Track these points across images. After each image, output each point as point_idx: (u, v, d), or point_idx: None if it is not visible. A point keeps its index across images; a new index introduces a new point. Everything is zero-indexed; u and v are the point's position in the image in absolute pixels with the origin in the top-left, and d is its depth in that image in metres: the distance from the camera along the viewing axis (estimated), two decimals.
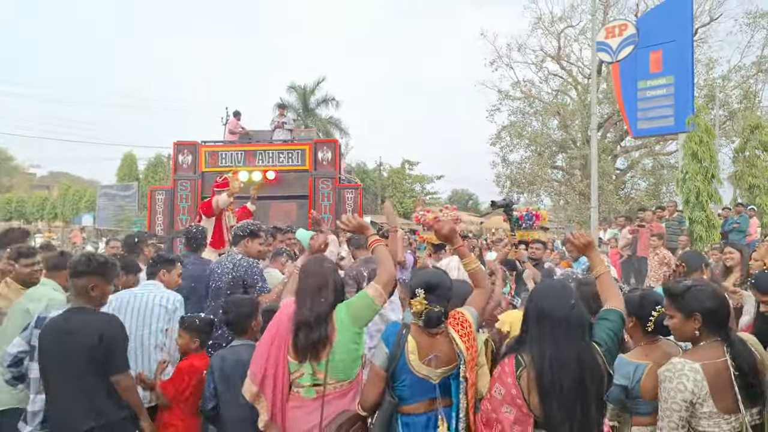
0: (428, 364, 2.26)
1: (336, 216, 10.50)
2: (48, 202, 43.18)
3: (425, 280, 2.33)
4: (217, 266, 4.00)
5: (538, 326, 2.03)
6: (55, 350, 2.55)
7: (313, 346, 2.41)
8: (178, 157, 11.29)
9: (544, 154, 24.31)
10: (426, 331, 2.30)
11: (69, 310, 2.65)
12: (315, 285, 2.51)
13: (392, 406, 2.28)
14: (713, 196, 10.32)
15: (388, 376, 2.30)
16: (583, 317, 2.05)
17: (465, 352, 2.23)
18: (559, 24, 24.04)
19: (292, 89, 29.66)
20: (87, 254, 2.73)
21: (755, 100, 22.84)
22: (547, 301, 2.06)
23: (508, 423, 1.98)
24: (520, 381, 1.99)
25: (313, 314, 2.45)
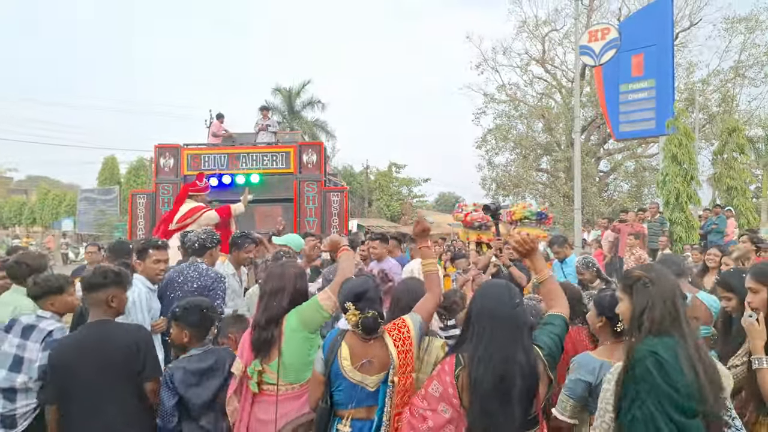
0: (361, 370, 2.27)
1: (321, 219, 10.45)
2: (26, 206, 42.33)
3: (351, 291, 2.33)
4: (176, 275, 3.80)
5: (478, 324, 2.03)
6: (85, 365, 2.49)
7: (262, 346, 2.51)
8: (160, 160, 11.14)
9: (529, 156, 24.53)
10: (360, 337, 2.31)
11: (90, 324, 2.62)
12: (273, 288, 2.60)
13: (323, 411, 2.31)
14: (692, 197, 10.48)
15: (327, 381, 2.32)
16: (525, 318, 2.06)
17: (395, 357, 2.22)
18: (544, 28, 24.35)
19: (278, 91, 29.51)
20: (100, 268, 2.70)
21: (733, 103, 23.33)
22: (490, 301, 2.05)
23: (442, 421, 1.98)
24: (458, 380, 1.99)
25: (265, 316, 2.55)
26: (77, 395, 2.50)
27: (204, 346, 2.74)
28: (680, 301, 1.89)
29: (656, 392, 1.75)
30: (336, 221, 10.42)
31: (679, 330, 1.83)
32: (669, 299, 1.87)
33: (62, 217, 36.23)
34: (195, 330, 2.71)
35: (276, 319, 2.54)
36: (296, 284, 2.63)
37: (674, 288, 1.90)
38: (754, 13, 22.30)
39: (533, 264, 2.40)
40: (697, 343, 1.84)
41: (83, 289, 2.65)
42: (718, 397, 1.78)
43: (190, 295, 3.57)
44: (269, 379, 2.53)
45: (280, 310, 2.56)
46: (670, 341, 1.82)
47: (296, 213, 10.39)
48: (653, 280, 1.92)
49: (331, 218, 10.44)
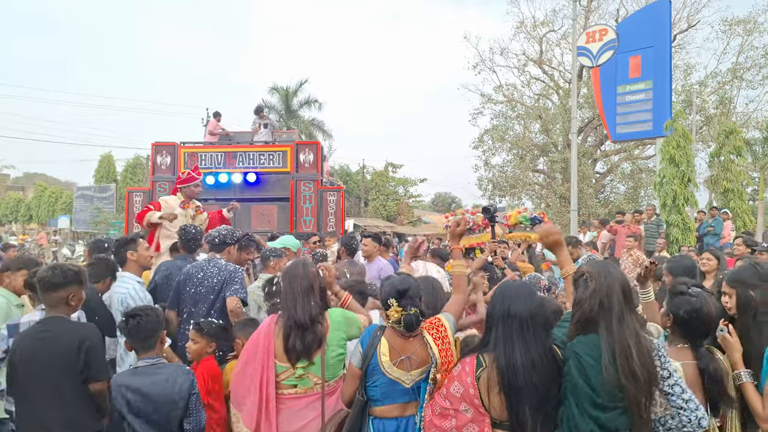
0: (400, 366, 2.28)
1: (318, 219, 10.43)
2: (22, 203, 42.17)
3: (395, 288, 2.33)
4: (196, 270, 3.76)
5: (504, 327, 2.05)
6: (32, 358, 2.48)
7: (308, 348, 2.47)
8: (157, 158, 11.10)
9: (525, 157, 24.53)
10: (400, 333, 2.31)
11: (43, 320, 2.61)
12: (304, 288, 2.56)
13: (360, 404, 2.33)
14: (689, 199, 10.48)
15: (363, 375, 2.33)
16: (547, 318, 2.13)
17: (438, 356, 2.22)
18: (541, 28, 24.35)
19: (275, 90, 29.44)
20: (58, 267, 2.64)
21: (730, 105, 23.40)
22: (515, 303, 2.06)
23: (465, 420, 2.01)
24: (479, 381, 2.01)
25: (306, 316, 2.49)
26: (24, 389, 2.50)
27: (151, 357, 2.63)
28: (617, 298, 1.95)
29: (576, 392, 1.90)
30: (332, 221, 10.40)
31: (608, 326, 1.92)
32: (603, 295, 1.95)
33: (59, 215, 36.09)
34: (130, 339, 2.64)
35: (317, 317, 2.53)
36: (320, 282, 2.66)
37: (612, 285, 1.96)
38: (752, 15, 22.39)
39: (558, 257, 2.45)
40: (626, 338, 1.89)
41: (43, 289, 2.59)
42: (644, 387, 1.85)
43: (212, 290, 3.63)
44: (308, 381, 2.51)
45: (318, 308, 2.56)
46: (593, 339, 1.94)
47: (293, 212, 10.36)
48: (593, 276, 2.01)
49: (327, 218, 10.42)
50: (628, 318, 1.94)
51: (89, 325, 2.76)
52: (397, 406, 2.31)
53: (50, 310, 2.60)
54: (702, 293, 2.32)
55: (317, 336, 2.50)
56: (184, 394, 2.57)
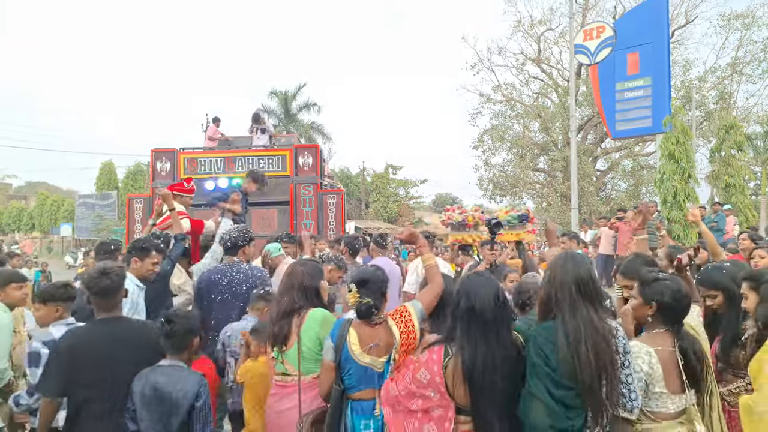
0: (369, 353, 2.43)
1: (318, 222, 10.41)
2: (25, 212, 42.31)
3: (358, 275, 2.53)
4: (219, 277, 3.68)
5: (467, 323, 2.16)
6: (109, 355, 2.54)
7: (276, 338, 2.70)
8: (157, 164, 11.10)
9: (525, 156, 24.51)
10: (366, 322, 2.48)
11: (109, 320, 2.64)
12: (285, 285, 2.81)
13: (338, 393, 2.47)
14: (690, 195, 10.45)
15: (337, 367, 2.47)
16: (509, 312, 2.23)
17: (399, 337, 2.36)
18: (539, 27, 24.36)
19: (274, 95, 29.50)
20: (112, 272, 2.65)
21: (730, 100, 23.37)
22: (477, 300, 2.17)
23: (432, 403, 2.14)
24: (445, 371, 2.13)
25: (278, 310, 2.75)
26: (95, 388, 2.50)
27: (174, 359, 2.66)
28: (568, 289, 2.11)
29: (536, 371, 2.07)
30: (333, 224, 10.39)
31: (562, 314, 2.09)
32: (557, 286, 2.14)
33: (61, 223, 36.20)
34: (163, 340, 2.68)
35: (288, 314, 2.70)
36: (304, 281, 2.78)
37: (564, 277, 2.14)
38: (750, 10, 22.38)
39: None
40: (579, 325, 2.05)
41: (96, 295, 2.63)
42: (595, 372, 2.00)
43: (240, 297, 3.60)
44: (287, 371, 2.71)
45: (292, 305, 2.72)
46: (550, 326, 2.12)
47: (293, 216, 10.35)
48: (550, 268, 2.21)
49: (327, 221, 10.41)
50: (581, 308, 2.09)
51: (145, 322, 2.94)
52: (372, 390, 2.44)
53: (104, 312, 2.64)
54: (673, 276, 2.41)
55: (283, 329, 2.69)
56: (188, 400, 2.55)
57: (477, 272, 2.50)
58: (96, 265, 2.78)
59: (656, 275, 2.35)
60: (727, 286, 2.74)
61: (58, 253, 34.59)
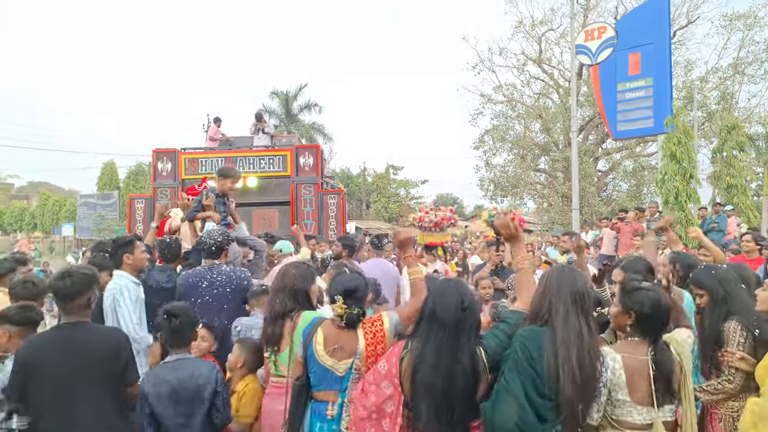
0: (332, 355, 2.44)
1: (319, 222, 10.41)
2: (27, 212, 42.37)
3: (343, 286, 2.50)
4: (198, 279, 3.63)
5: (428, 324, 2.17)
6: (62, 366, 2.39)
7: (269, 339, 2.74)
8: (158, 164, 11.13)
9: (526, 157, 24.48)
10: (336, 324, 2.48)
11: (67, 325, 2.51)
12: (275, 287, 2.84)
13: (298, 387, 2.49)
14: (692, 196, 10.42)
15: (304, 363, 2.51)
16: (473, 321, 2.18)
17: (363, 346, 2.38)
18: (540, 28, 24.31)
19: (275, 95, 29.51)
20: (73, 274, 2.53)
21: (732, 101, 23.30)
22: (440, 304, 2.17)
23: (384, 397, 2.15)
24: (401, 363, 2.16)
25: (270, 312, 2.78)
26: (51, 402, 2.38)
27: (181, 353, 2.68)
28: (564, 300, 2.09)
29: (518, 369, 2.04)
30: (333, 224, 10.40)
31: (554, 324, 2.07)
32: (553, 296, 2.12)
33: (62, 223, 36.23)
34: (167, 335, 2.68)
35: (280, 316, 2.73)
36: (295, 284, 2.78)
37: (561, 288, 2.13)
38: (752, 10, 22.27)
39: (513, 250, 2.54)
40: (569, 337, 2.03)
41: (59, 299, 2.51)
42: (579, 386, 1.98)
43: (223, 299, 3.58)
44: (280, 372, 2.75)
45: (284, 307, 2.73)
46: (540, 331, 2.10)
47: (293, 216, 10.36)
48: (546, 277, 2.20)
49: (328, 221, 10.42)
50: (574, 320, 2.07)
51: (115, 328, 2.83)
52: (331, 392, 2.44)
53: (69, 316, 2.53)
54: (654, 285, 2.39)
55: (275, 331, 2.72)
56: (210, 388, 2.60)
57: (449, 278, 2.57)
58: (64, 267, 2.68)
59: (638, 285, 2.32)
60: (711, 287, 2.79)
61: (60, 252, 34.64)
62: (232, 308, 3.62)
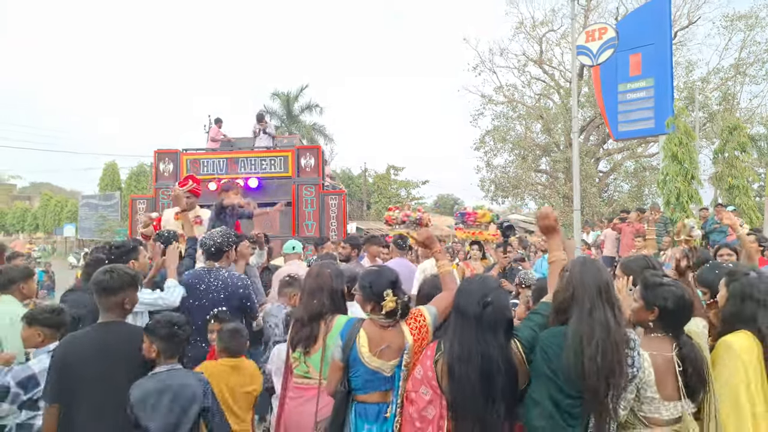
0: (379, 356, 2.38)
1: (320, 223, 10.41)
2: (29, 213, 42.47)
3: (388, 279, 2.43)
4: (197, 282, 3.59)
5: (455, 320, 2.18)
6: (94, 363, 2.47)
7: (303, 341, 2.66)
8: (160, 165, 11.14)
9: (527, 157, 24.48)
10: (377, 324, 2.43)
11: (104, 325, 2.59)
12: (311, 288, 2.75)
13: (342, 395, 2.43)
14: (693, 197, 10.42)
15: (345, 367, 2.43)
16: (498, 316, 2.12)
17: (411, 342, 2.33)
18: (541, 28, 24.32)
19: (276, 96, 29.56)
20: (115, 270, 2.58)
21: (734, 101, 23.28)
22: (463, 299, 2.18)
23: (424, 403, 2.13)
24: (437, 365, 2.14)
25: (306, 314, 2.70)
26: (79, 396, 2.44)
27: (171, 364, 2.59)
28: (589, 292, 2.04)
29: (537, 374, 2.06)
30: (334, 224, 10.40)
31: (579, 316, 2.03)
32: (578, 286, 2.07)
33: (64, 224, 36.32)
34: (164, 344, 2.58)
35: (317, 317, 2.68)
36: (333, 284, 2.77)
37: (585, 278, 2.08)
38: (753, 11, 22.26)
39: (549, 242, 2.52)
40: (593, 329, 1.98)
41: (99, 293, 2.57)
42: (602, 377, 1.94)
43: (217, 303, 3.51)
44: (308, 373, 2.70)
45: (321, 308, 2.69)
46: (560, 330, 2.07)
47: (294, 217, 10.36)
48: (569, 269, 2.16)
49: (329, 221, 10.43)
50: (599, 312, 2.02)
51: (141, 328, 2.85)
52: (378, 394, 2.40)
53: (106, 314, 2.59)
54: (676, 281, 2.37)
55: (312, 332, 2.66)
56: (198, 398, 2.51)
57: (476, 275, 2.49)
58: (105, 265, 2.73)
59: (661, 279, 2.30)
60: (712, 285, 2.83)
61: (62, 253, 34.71)
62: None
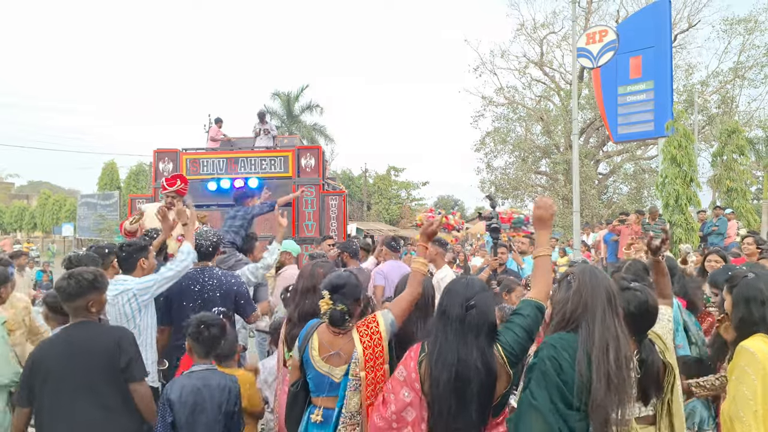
0: (329, 361, 2.38)
1: (320, 223, 10.42)
2: (27, 212, 42.39)
3: (330, 281, 2.44)
4: (191, 282, 3.55)
5: (437, 321, 2.12)
6: (65, 364, 2.47)
7: (294, 340, 2.64)
8: (159, 164, 11.12)
9: (528, 159, 24.54)
10: (330, 329, 2.42)
11: (70, 326, 2.59)
12: (304, 287, 2.80)
13: (293, 394, 2.47)
14: (692, 199, 10.45)
15: (300, 366, 2.46)
16: (480, 320, 2.06)
17: (360, 351, 2.25)
18: (542, 30, 24.40)
19: (276, 96, 29.57)
20: (74, 276, 2.58)
21: (732, 104, 23.36)
22: (447, 300, 2.12)
23: (403, 404, 2.07)
24: (420, 366, 2.09)
25: (297, 313, 2.74)
26: (54, 398, 2.45)
27: (206, 363, 2.66)
28: (601, 300, 1.96)
29: (545, 381, 1.90)
30: (334, 225, 10.40)
31: (589, 327, 1.93)
32: (588, 296, 1.97)
33: (63, 223, 36.26)
34: (192, 344, 2.64)
35: (309, 317, 2.68)
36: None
37: (596, 287, 1.99)
38: (753, 15, 22.35)
39: (538, 237, 2.38)
40: (606, 340, 1.89)
41: (63, 300, 2.58)
42: (614, 391, 1.85)
43: (213, 303, 3.48)
44: None
45: (313, 308, 2.67)
46: (572, 338, 1.95)
47: (294, 217, 10.36)
48: (577, 277, 2.04)
49: (329, 222, 10.42)
50: (610, 321, 1.95)
51: (119, 326, 2.82)
52: (329, 398, 2.37)
53: (73, 318, 2.60)
54: (644, 286, 2.34)
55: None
56: (232, 403, 2.57)
57: (461, 276, 2.43)
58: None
59: (627, 284, 2.29)
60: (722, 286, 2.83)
61: (60, 252, 34.64)
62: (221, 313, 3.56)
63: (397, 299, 2.47)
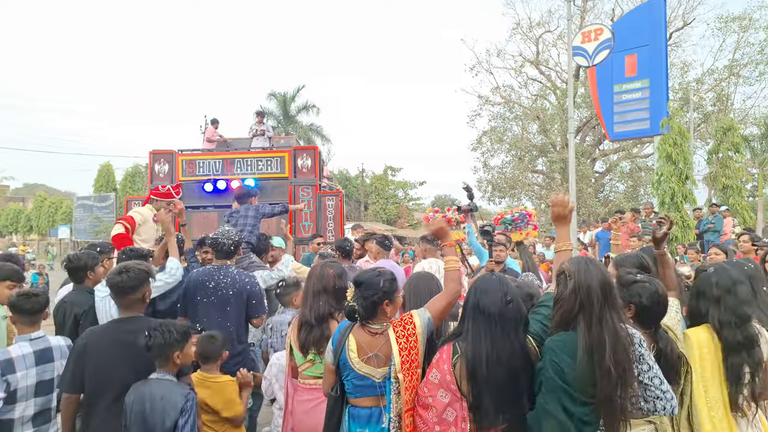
0: (368, 363, 2.34)
1: (317, 224, 10.41)
2: (23, 214, 42.25)
3: (356, 277, 2.44)
4: (206, 279, 3.59)
5: (474, 320, 2.12)
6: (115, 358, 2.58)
7: (315, 342, 2.70)
8: (155, 166, 11.08)
9: (524, 158, 24.56)
10: (367, 329, 2.37)
11: (126, 319, 2.69)
12: (315, 289, 2.78)
13: (333, 400, 2.42)
14: (688, 197, 10.48)
15: (336, 370, 2.42)
16: (518, 313, 2.11)
17: (397, 354, 2.23)
18: (537, 29, 24.43)
19: (273, 96, 29.52)
20: (129, 270, 2.65)
21: (728, 102, 23.43)
22: (484, 297, 2.12)
23: (442, 406, 2.08)
24: (455, 368, 2.09)
25: (314, 315, 2.73)
26: (102, 390, 2.53)
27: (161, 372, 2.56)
28: (596, 296, 1.98)
29: (551, 386, 1.96)
30: (331, 225, 10.39)
31: (587, 324, 1.96)
32: (583, 295, 1.99)
33: (59, 225, 36.15)
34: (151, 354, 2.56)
35: (326, 318, 2.72)
36: (336, 283, 2.79)
37: (591, 283, 2.00)
38: (747, 12, 22.46)
39: (558, 232, 2.46)
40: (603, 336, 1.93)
41: (116, 293, 2.67)
42: (616, 383, 1.90)
43: (226, 302, 3.55)
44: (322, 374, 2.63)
45: (328, 308, 2.73)
46: (570, 336, 1.99)
47: (291, 217, 10.35)
48: (572, 274, 2.05)
49: (326, 222, 10.41)
50: (607, 316, 1.98)
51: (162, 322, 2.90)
52: (369, 399, 2.36)
53: (125, 311, 2.69)
54: (651, 278, 2.37)
55: (324, 333, 2.68)
56: (174, 415, 2.45)
57: (492, 272, 2.39)
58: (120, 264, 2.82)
59: (634, 277, 2.32)
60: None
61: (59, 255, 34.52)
62: (233, 312, 3.60)
63: (435, 298, 2.45)
